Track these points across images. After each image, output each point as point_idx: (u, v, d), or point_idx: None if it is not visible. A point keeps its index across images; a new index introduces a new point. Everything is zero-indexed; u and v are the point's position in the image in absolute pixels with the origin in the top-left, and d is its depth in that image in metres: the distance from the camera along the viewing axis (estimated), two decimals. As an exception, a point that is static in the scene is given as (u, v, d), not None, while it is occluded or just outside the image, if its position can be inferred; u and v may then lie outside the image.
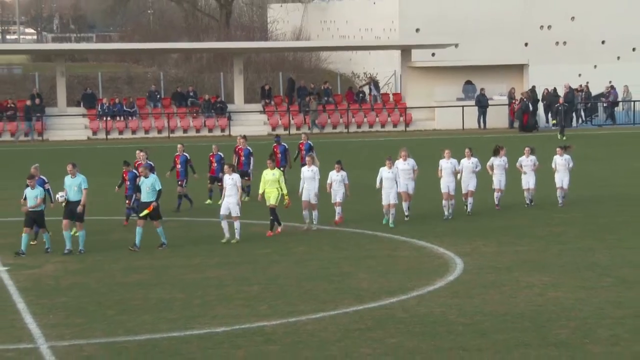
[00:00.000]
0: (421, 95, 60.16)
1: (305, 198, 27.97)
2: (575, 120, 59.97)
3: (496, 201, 30.91)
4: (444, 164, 29.35)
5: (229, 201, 26.50)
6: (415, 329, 18.59)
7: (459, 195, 29.87)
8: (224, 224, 26.64)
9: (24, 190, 25.60)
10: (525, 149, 31.45)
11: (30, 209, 25.14)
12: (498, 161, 30.77)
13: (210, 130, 57.76)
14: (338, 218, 28.52)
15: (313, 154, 30.51)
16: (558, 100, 56.42)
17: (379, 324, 18.96)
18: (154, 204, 25.73)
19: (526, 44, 69.01)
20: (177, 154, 32.14)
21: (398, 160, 28.87)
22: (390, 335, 18.18)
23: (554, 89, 59.58)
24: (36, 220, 25.37)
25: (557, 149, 31.67)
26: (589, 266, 23.78)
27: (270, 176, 27.62)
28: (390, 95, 62.07)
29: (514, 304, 20.33)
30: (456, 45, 61.82)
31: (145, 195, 25.92)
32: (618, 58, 70.20)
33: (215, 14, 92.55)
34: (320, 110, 59.30)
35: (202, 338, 18.14)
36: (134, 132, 57.11)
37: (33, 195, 25.20)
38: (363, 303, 20.53)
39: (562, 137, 50.80)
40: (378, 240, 26.74)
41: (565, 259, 24.65)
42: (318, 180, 28.12)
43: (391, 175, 28.02)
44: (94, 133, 56.85)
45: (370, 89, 61.34)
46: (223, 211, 26.62)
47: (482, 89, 59.64)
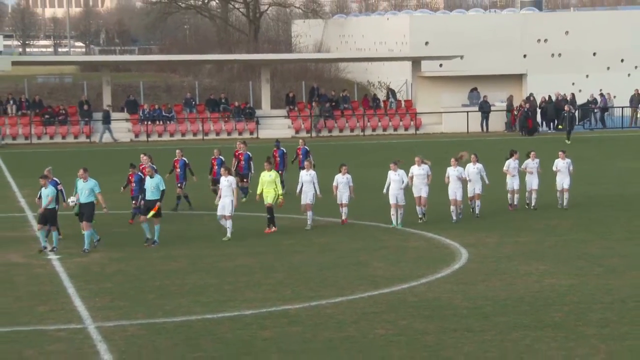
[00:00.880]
0: (430, 101, 60.15)
1: (303, 201, 27.39)
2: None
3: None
4: (451, 172, 28.26)
5: (225, 201, 25.82)
6: (425, 312, 18.57)
7: (465, 199, 28.97)
8: (222, 222, 26.05)
9: (39, 190, 24.81)
10: (532, 153, 30.34)
11: (43, 208, 24.31)
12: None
13: (240, 133, 57.78)
14: (345, 218, 27.84)
15: (311, 159, 29.71)
16: (564, 106, 56.02)
17: (392, 307, 18.96)
18: (159, 203, 25.11)
19: (525, 56, 68.81)
20: (176, 158, 30.78)
21: (413, 166, 27.89)
22: (401, 317, 18.17)
23: (549, 97, 59.32)
24: (48, 218, 24.39)
25: (559, 153, 30.72)
26: (582, 256, 23.72)
27: (267, 177, 26.96)
28: (402, 102, 62.00)
29: (514, 290, 20.29)
30: (461, 57, 61.78)
31: (150, 194, 25.34)
32: (608, 68, 69.99)
33: (245, 28, 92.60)
34: (338, 116, 59.28)
35: (233, 320, 18.17)
36: (171, 135, 57.17)
37: (45, 194, 24.42)
38: (377, 289, 20.53)
39: (568, 141, 50.42)
40: (391, 232, 26.72)
41: (560, 249, 24.59)
42: (316, 183, 27.30)
43: (397, 178, 27.29)
44: (136, 136, 56.94)
45: (389, 97, 61.42)
46: (220, 212, 25.94)
47: (485, 96, 59.57)
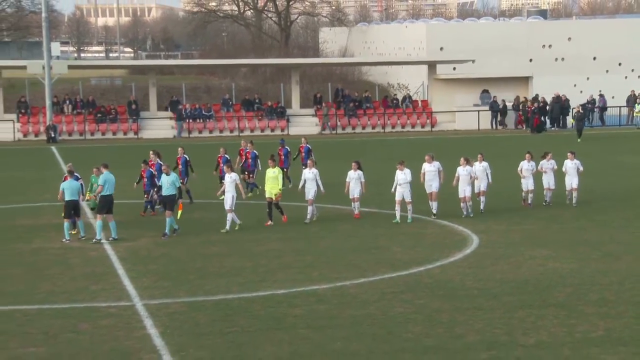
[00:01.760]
0: (444, 101, 60.01)
1: (306, 197, 26.68)
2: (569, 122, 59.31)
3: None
4: (461, 171, 27.22)
5: (226, 196, 25.37)
6: (439, 292, 18.53)
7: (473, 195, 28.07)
8: (229, 216, 25.42)
9: (61, 184, 24.43)
10: (548, 154, 29.01)
11: (66, 200, 23.96)
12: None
13: (272, 130, 57.83)
14: (357, 212, 27.09)
15: (312, 157, 29.02)
16: (576, 107, 55.54)
17: (409, 288, 18.93)
18: (181, 200, 24.43)
19: (531, 60, 68.43)
20: (179, 156, 30.06)
21: (425, 163, 27.04)
22: (418, 297, 18.14)
23: (556, 97, 58.98)
24: (74, 209, 24.10)
25: (568, 154, 29.26)
26: (582, 242, 23.59)
27: (271, 174, 26.26)
28: (419, 102, 61.84)
29: (520, 273, 20.21)
30: (473, 61, 61.58)
31: (166, 190, 24.89)
32: (607, 71, 69.51)
33: (277, 35, 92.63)
34: (361, 114, 59.26)
35: (266, 298, 18.19)
36: (210, 132, 57.29)
37: (69, 187, 24.06)
38: (396, 271, 20.50)
39: (578, 140, 49.91)
40: (408, 219, 26.61)
41: (562, 236, 24.47)
42: (318, 180, 26.65)
43: (403, 176, 26.22)
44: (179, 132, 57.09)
45: (404, 100, 61.30)
46: (229, 206, 25.34)
47: (495, 97, 59.33)
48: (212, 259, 21.97)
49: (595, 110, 59.91)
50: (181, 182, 28.80)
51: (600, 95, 60.55)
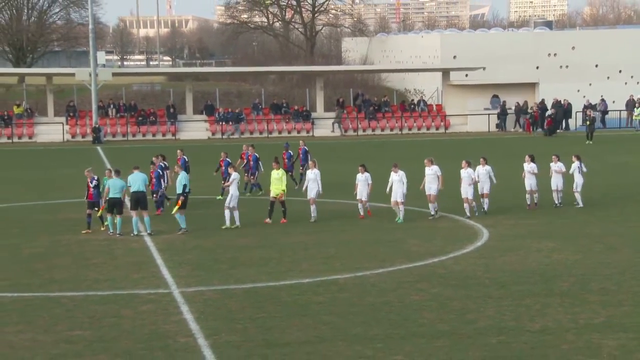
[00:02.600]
0: (457, 105, 59.78)
1: (309, 196, 26.01)
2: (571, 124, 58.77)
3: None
4: (463, 174, 26.17)
5: (231, 194, 24.76)
6: (452, 282, 18.43)
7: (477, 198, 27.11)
8: (226, 213, 24.82)
9: (106, 182, 24.07)
10: (554, 157, 27.90)
11: (109, 197, 23.59)
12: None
13: (298, 132, 57.78)
14: (364, 213, 26.16)
15: (310, 158, 28.11)
16: (587, 111, 54.94)
17: (425, 277, 18.83)
18: (182, 197, 24.05)
19: (537, 67, 67.96)
20: (178, 157, 29.27)
21: (425, 167, 26.00)
22: (432, 286, 18.05)
23: (559, 101, 58.53)
24: (115, 206, 23.65)
25: (573, 157, 28.16)
26: (585, 235, 23.39)
27: (275, 175, 25.59)
28: (434, 106, 61.62)
29: (527, 264, 20.07)
30: (484, 68, 61.33)
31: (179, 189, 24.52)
32: (608, 78, 68.89)
33: (303, 45, 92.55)
34: (380, 117, 59.17)
35: (292, 287, 18.16)
36: (242, 134, 57.34)
37: (113, 185, 23.71)
38: (412, 262, 20.40)
39: (588, 142, 49.21)
40: (424, 215, 26.50)
41: (566, 230, 24.28)
42: (319, 180, 25.95)
43: (397, 178, 25.55)
44: (213, 134, 57.18)
45: (419, 104, 61.12)
46: (227, 203, 24.90)
47: (504, 101, 59.05)
48: (242, 250, 21.96)
49: (597, 113, 59.40)
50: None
51: (602, 100, 60.08)
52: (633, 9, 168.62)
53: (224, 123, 57.19)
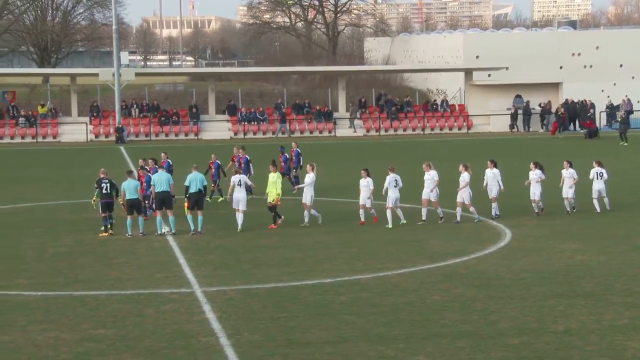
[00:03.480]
0: (479, 105, 59.60)
1: (303, 200, 25.43)
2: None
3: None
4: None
5: (238, 197, 24.42)
6: (474, 282, 18.37)
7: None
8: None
9: (121, 185, 24.04)
10: (565, 163, 26.96)
11: (127, 199, 23.62)
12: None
13: (320, 132, 57.84)
14: (366, 219, 25.32)
15: (312, 163, 26.85)
16: (616, 111, 54.39)
17: (446, 278, 18.79)
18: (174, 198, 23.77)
19: (561, 67, 67.54)
20: (162, 160, 28.43)
21: (425, 172, 25.36)
22: (455, 286, 18.00)
23: (581, 101, 58.14)
24: (135, 207, 23.64)
25: (594, 162, 27.33)
26: (608, 236, 23.24)
27: (271, 178, 24.97)
28: (456, 106, 61.46)
29: (550, 264, 19.97)
30: (507, 68, 61.02)
31: (192, 188, 24.13)
32: (632, 77, 68.34)
33: (325, 45, 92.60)
34: (402, 117, 59.11)
35: (314, 287, 18.17)
36: (264, 134, 57.48)
37: (127, 186, 23.76)
38: (434, 262, 20.36)
39: (622, 143, 48.35)
40: (446, 215, 26.36)
41: (590, 230, 24.13)
42: (314, 185, 25.28)
43: (391, 180, 24.91)
44: (235, 134, 57.34)
45: (442, 104, 61.01)
46: (235, 205, 24.48)
47: (527, 101, 58.78)
48: (264, 250, 22.00)
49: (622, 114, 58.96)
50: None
51: (627, 100, 59.62)
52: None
53: (246, 123, 57.33)
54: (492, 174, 26.22)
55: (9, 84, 67.86)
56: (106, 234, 23.85)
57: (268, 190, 25.01)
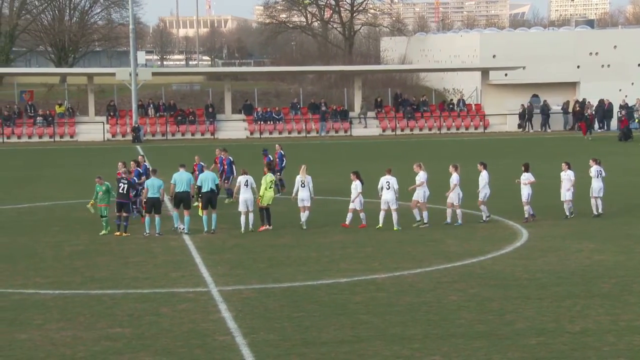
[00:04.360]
0: (496, 105, 59.43)
1: (300, 204, 24.80)
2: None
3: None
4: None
5: (245, 197, 24.08)
6: (491, 282, 18.31)
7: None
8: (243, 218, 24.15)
9: (145, 182, 24.15)
10: (563, 164, 26.04)
11: (148, 197, 23.60)
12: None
13: (336, 132, 57.83)
14: (350, 222, 24.77)
15: (304, 165, 25.92)
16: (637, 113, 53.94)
17: (463, 277, 18.74)
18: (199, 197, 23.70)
19: (578, 66, 67.22)
20: (141, 163, 27.70)
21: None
22: (471, 286, 17.95)
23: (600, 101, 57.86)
24: (154, 206, 23.59)
25: (591, 161, 26.45)
26: (626, 236, 23.10)
27: (263, 180, 24.61)
28: (473, 105, 61.30)
29: (567, 264, 19.88)
30: (523, 67, 60.82)
31: (206, 187, 24.09)
32: (650, 77, 68.04)
33: (341, 44, 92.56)
34: (418, 117, 59.05)
35: (329, 286, 18.17)
36: (280, 133, 57.49)
37: (151, 185, 23.65)
38: (450, 262, 20.31)
39: None
40: (463, 215, 26.22)
41: (607, 230, 23.99)
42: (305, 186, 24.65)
43: (384, 182, 24.41)
44: (251, 133, 57.44)
45: (459, 103, 60.87)
46: (242, 207, 24.10)
47: (545, 101, 58.56)
48: (280, 250, 22.01)
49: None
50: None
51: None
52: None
53: (262, 123, 57.39)
54: (481, 177, 25.39)
55: (27, 84, 68.24)
56: (118, 234, 23.89)
57: (261, 193, 24.29)
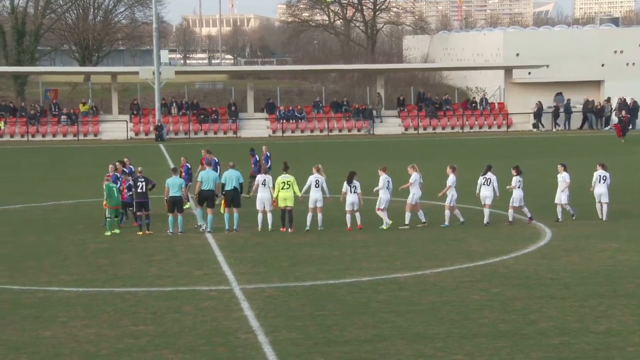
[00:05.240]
0: (519, 104, 59.17)
1: (311, 205, 24.27)
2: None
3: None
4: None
5: (263, 197, 24.03)
6: (513, 281, 18.24)
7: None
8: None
9: (166, 181, 24.03)
10: (559, 166, 25.31)
11: (170, 196, 23.59)
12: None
13: (358, 130, 57.79)
14: (352, 225, 24.34)
15: (318, 165, 25.43)
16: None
17: (485, 277, 18.67)
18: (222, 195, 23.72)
19: (603, 65, 66.81)
20: (127, 164, 27.06)
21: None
22: (494, 286, 17.89)
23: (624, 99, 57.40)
24: (176, 205, 23.61)
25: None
26: (651, 236, 22.92)
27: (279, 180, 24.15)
28: (496, 104, 61.05)
29: (591, 264, 19.75)
30: (547, 66, 60.51)
31: (229, 185, 24.01)
32: (675, 75, 67.48)
33: (364, 43, 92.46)
34: (441, 116, 58.89)
35: (352, 285, 18.16)
36: (302, 132, 57.55)
37: (172, 184, 23.69)
38: (473, 261, 20.25)
39: None
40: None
41: (631, 230, 23.82)
42: (296, 187, 24.21)
43: (385, 182, 24.19)
44: (273, 132, 57.53)
45: (482, 102, 60.66)
46: (259, 206, 24.13)
47: (569, 99, 58.24)
48: (303, 248, 22.03)
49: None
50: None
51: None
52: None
53: (284, 121, 57.46)
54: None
55: (51, 82, 68.74)
56: (141, 233, 23.98)
57: (279, 194, 23.95)
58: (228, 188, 24.29)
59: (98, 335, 14.88)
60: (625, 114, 54.28)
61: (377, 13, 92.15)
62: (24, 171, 40.11)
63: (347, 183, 24.31)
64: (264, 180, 24.30)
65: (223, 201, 24.78)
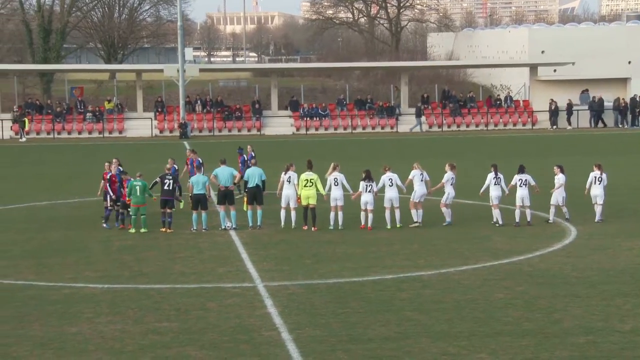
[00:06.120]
0: (544, 101, 58.81)
1: (332, 203, 24.07)
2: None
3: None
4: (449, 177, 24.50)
5: (288, 194, 24.04)
6: (538, 280, 18.15)
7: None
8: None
9: (190, 179, 24.21)
10: (554, 168, 24.96)
11: (194, 193, 23.71)
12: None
13: (382, 128, 57.72)
14: (364, 224, 24.13)
15: (336, 163, 25.05)
16: None
17: (510, 275, 18.59)
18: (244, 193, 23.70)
19: (629, 62, 66.25)
20: (112, 168, 26.52)
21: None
22: (518, 284, 17.80)
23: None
24: (200, 202, 23.71)
25: (594, 166, 25.10)
26: (678, 235, 22.70)
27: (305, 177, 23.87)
28: (521, 102, 60.75)
29: (617, 263, 19.61)
30: (573, 63, 60.11)
31: (251, 182, 24.18)
32: None
33: (388, 40, 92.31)
34: (465, 113, 58.67)
35: (375, 282, 18.14)
36: (326, 129, 57.55)
37: (196, 181, 23.83)
38: (497, 259, 20.16)
39: None
40: (509, 212, 26.00)
41: (658, 229, 23.60)
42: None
43: (388, 181, 24.05)
44: (297, 129, 57.59)
45: (507, 100, 60.39)
46: (284, 203, 24.14)
47: (594, 97, 57.81)
48: (326, 246, 22.02)
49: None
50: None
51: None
52: None
53: (308, 119, 57.47)
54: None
55: (77, 80, 69.20)
56: (164, 230, 24.05)
57: (302, 192, 23.72)
58: (250, 185, 24.29)
59: (123, 332, 14.97)
60: None
61: (402, 10, 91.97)
62: (49, 168, 40.44)
63: (365, 181, 23.94)
64: (289, 177, 24.24)
65: (245, 198, 24.81)
